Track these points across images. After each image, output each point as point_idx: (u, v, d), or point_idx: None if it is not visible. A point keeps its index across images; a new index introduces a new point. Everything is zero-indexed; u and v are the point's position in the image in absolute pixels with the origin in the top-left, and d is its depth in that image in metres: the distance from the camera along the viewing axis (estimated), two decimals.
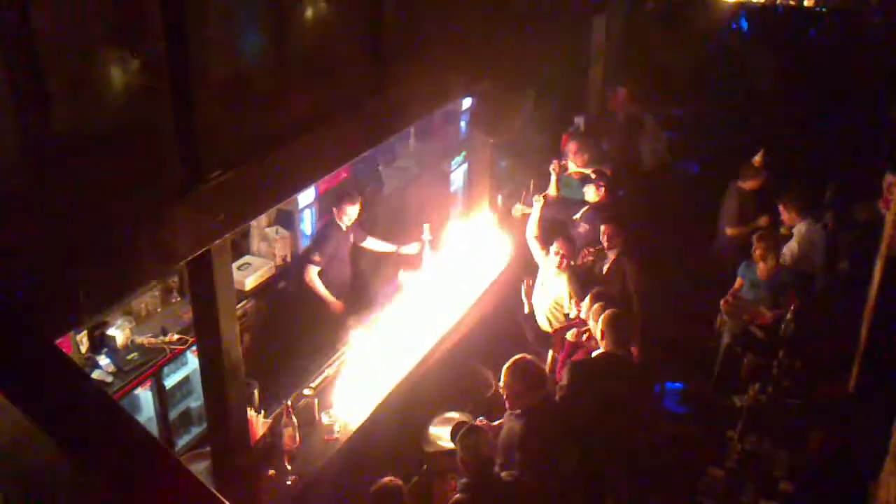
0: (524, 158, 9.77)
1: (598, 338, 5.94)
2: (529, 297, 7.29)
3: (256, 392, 5.54)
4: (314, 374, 6.02)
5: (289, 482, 5.26)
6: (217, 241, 4.35)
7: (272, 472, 5.31)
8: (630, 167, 9.20)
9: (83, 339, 6.25)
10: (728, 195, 8.37)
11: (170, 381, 6.61)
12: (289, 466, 5.29)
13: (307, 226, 7.87)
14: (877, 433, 5.59)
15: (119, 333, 6.37)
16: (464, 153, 9.71)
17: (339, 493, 5.31)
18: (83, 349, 6.25)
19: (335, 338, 6.70)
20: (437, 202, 9.51)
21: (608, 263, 7.18)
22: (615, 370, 5.79)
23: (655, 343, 7.24)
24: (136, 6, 3.68)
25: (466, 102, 9.44)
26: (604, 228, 7.17)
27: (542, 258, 7.13)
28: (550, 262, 6.91)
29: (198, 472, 5.19)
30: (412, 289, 7.01)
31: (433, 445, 5.91)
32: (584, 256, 7.40)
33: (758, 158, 8.20)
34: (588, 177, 8.02)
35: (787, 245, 7.57)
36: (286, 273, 7.61)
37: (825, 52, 12.77)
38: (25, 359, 3.23)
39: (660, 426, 7.11)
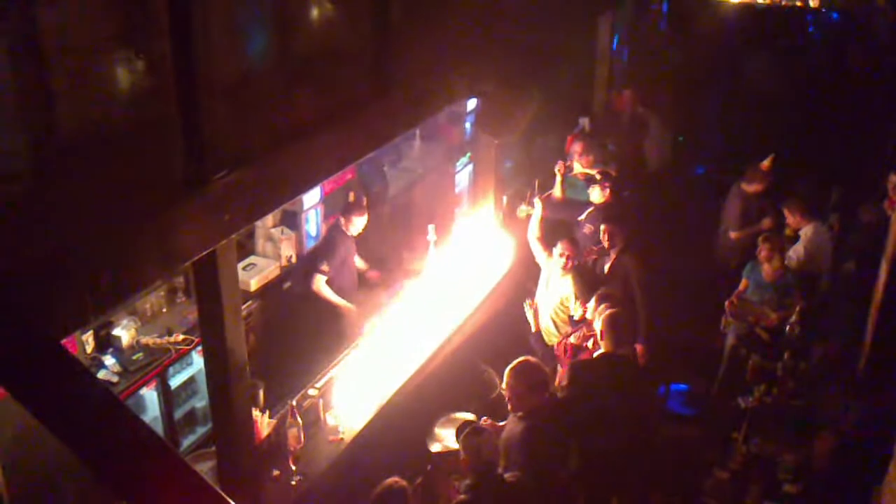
0: (529, 159, 9.78)
1: (599, 338, 5.94)
2: (536, 318, 7.26)
3: (261, 392, 5.55)
4: (319, 375, 6.02)
5: (293, 482, 5.26)
6: (222, 242, 4.36)
7: (277, 473, 5.31)
8: (635, 168, 9.19)
9: (89, 339, 6.26)
10: (731, 197, 8.36)
11: (175, 381, 6.62)
12: (293, 467, 5.29)
13: (312, 226, 7.87)
14: (882, 436, 5.59)
15: (124, 333, 6.38)
16: (469, 154, 9.70)
17: (344, 494, 5.31)
18: (89, 349, 6.26)
19: (340, 338, 6.71)
20: (443, 203, 9.52)
21: (610, 263, 7.17)
22: (615, 370, 5.78)
23: (660, 344, 7.24)
24: (142, 6, 3.69)
25: (471, 103, 9.44)
26: (604, 227, 7.16)
27: (545, 259, 7.12)
28: (555, 264, 6.90)
29: (203, 472, 5.19)
30: (417, 290, 7.02)
31: (438, 446, 5.91)
32: (588, 255, 7.38)
33: (766, 163, 8.18)
34: (593, 178, 8.01)
35: (794, 248, 7.55)
36: (291, 273, 7.61)
37: (830, 54, 12.76)
38: (31, 359, 3.24)
39: (663, 427, 7.10)
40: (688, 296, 8.19)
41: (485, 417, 5.86)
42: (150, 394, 6.47)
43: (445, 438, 5.89)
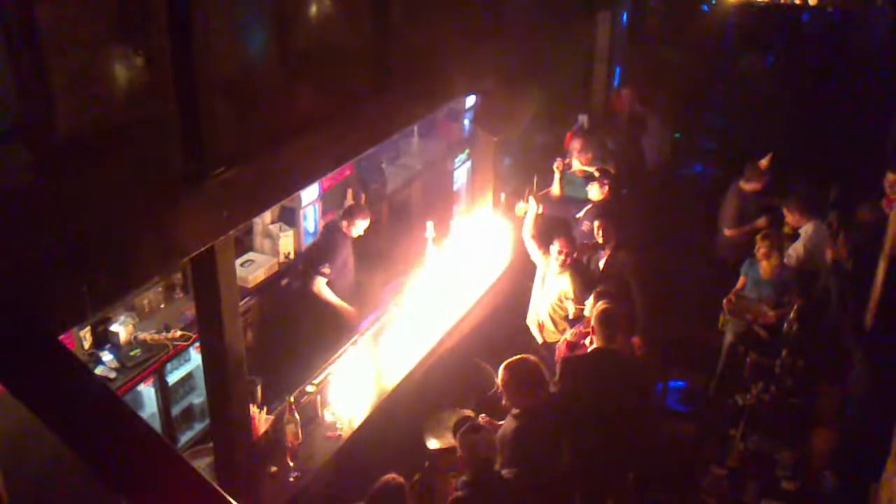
0: (528, 156, 9.77)
1: (591, 334, 5.94)
2: (542, 333, 7.24)
3: (259, 389, 5.54)
4: (317, 371, 6.02)
5: (291, 479, 5.26)
6: (221, 238, 4.36)
7: (274, 469, 5.31)
8: (633, 166, 9.19)
9: (86, 335, 6.25)
10: (728, 195, 8.36)
11: (173, 378, 6.61)
12: (291, 463, 5.29)
13: (310, 223, 7.86)
14: (879, 433, 5.60)
15: (122, 329, 6.37)
16: (467, 151, 9.70)
17: (341, 491, 5.31)
18: (86, 345, 6.25)
19: (338, 335, 6.71)
20: (441, 200, 9.52)
21: (605, 259, 7.16)
22: (607, 365, 5.75)
23: (658, 341, 7.25)
24: (141, 2, 3.68)
25: (470, 100, 9.44)
26: (598, 224, 7.14)
27: (540, 258, 7.10)
28: (553, 262, 6.89)
29: (200, 469, 5.20)
30: (416, 287, 7.02)
31: (435, 443, 5.91)
32: (582, 251, 7.36)
33: (764, 162, 8.18)
34: (592, 175, 8.01)
35: (793, 246, 7.55)
36: (290, 270, 7.61)
37: (828, 52, 12.77)
38: (29, 355, 3.24)
39: (660, 422, 7.11)
40: (686, 293, 8.20)
41: (483, 415, 5.86)
42: (148, 390, 6.47)
43: (443, 435, 5.89)
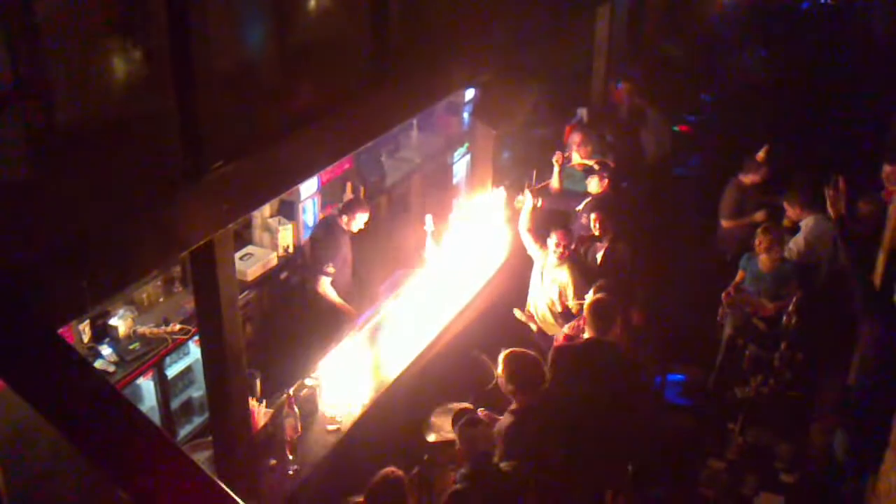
0: (527, 150, 9.76)
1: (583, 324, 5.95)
2: (532, 320, 7.21)
3: (258, 382, 5.55)
4: (316, 365, 6.02)
5: (290, 472, 5.28)
6: (220, 232, 4.35)
7: (274, 462, 5.32)
8: (633, 159, 9.18)
9: (85, 329, 6.25)
10: (728, 188, 8.36)
11: (172, 371, 6.62)
12: (290, 456, 5.30)
13: (309, 216, 7.86)
14: (878, 426, 5.60)
15: (121, 323, 6.37)
16: (466, 144, 9.69)
17: (341, 484, 5.32)
18: (85, 339, 6.25)
19: (337, 328, 6.71)
20: (440, 193, 9.51)
21: (602, 252, 7.16)
22: (598, 356, 5.75)
23: (658, 334, 7.25)
24: None
25: (470, 94, 9.43)
26: (594, 216, 7.14)
27: (536, 251, 7.07)
28: (551, 255, 6.87)
29: (199, 462, 5.20)
30: (415, 280, 7.02)
31: (435, 436, 5.92)
32: (579, 244, 7.33)
33: (761, 154, 8.18)
34: (591, 168, 8.00)
35: (794, 239, 7.54)
36: (289, 264, 7.61)
37: (828, 44, 12.76)
38: (28, 348, 3.24)
39: (658, 415, 7.11)
40: (685, 286, 8.20)
41: (482, 408, 5.85)
42: (147, 384, 6.47)
43: (442, 428, 5.89)
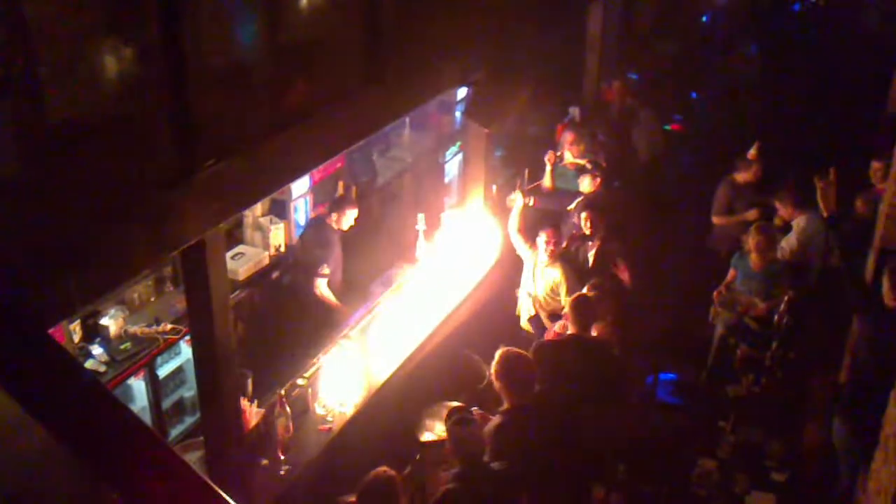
0: (519, 149, 9.76)
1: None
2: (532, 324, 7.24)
3: (250, 382, 5.54)
4: (308, 364, 6.01)
5: (282, 472, 5.26)
6: (211, 231, 4.34)
7: (265, 462, 5.31)
8: (625, 158, 9.19)
9: (76, 329, 6.23)
10: (721, 186, 8.37)
11: (163, 371, 6.60)
12: (282, 456, 5.29)
13: (301, 215, 7.84)
14: (868, 423, 5.62)
15: (112, 323, 6.35)
16: (459, 143, 9.69)
17: (333, 484, 5.31)
18: (76, 339, 6.23)
19: (329, 328, 6.70)
20: (432, 192, 9.50)
21: (594, 251, 7.16)
22: (580, 350, 5.78)
23: (649, 333, 7.26)
24: None
25: (462, 92, 9.42)
26: (585, 215, 7.14)
27: (526, 252, 7.05)
28: (542, 253, 6.86)
29: (191, 462, 5.18)
30: (406, 280, 7.01)
31: (427, 435, 5.91)
32: (569, 243, 7.33)
33: (752, 151, 8.19)
34: (583, 167, 8.00)
35: (786, 239, 7.56)
36: (280, 263, 7.59)
37: (820, 39, 12.78)
38: (19, 348, 3.22)
39: (647, 412, 7.11)
40: (677, 285, 8.21)
41: (475, 407, 5.85)
42: (139, 383, 6.46)
43: (434, 428, 5.89)
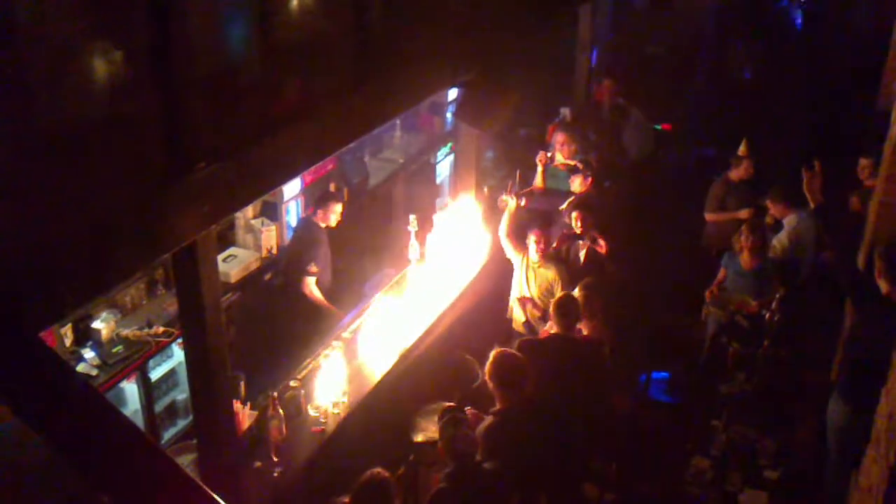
0: (510, 149, 9.78)
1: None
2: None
3: (242, 384, 5.53)
4: (300, 366, 6.01)
5: (275, 474, 5.25)
6: (202, 233, 4.33)
7: (259, 465, 5.30)
8: (615, 158, 9.21)
9: (67, 332, 6.22)
10: (714, 184, 8.39)
11: (155, 374, 6.59)
12: (275, 458, 5.28)
13: (293, 217, 7.84)
14: (860, 420, 5.64)
15: (104, 326, 6.34)
16: (450, 144, 9.70)
17: (326, 485, 5.30)
18: (67, 342, 6.22)
19: (321, 329, 6.70)
20: (424, 193, 9.51)
21: (585, 250, 7.17)
22: (562, 349, 5.82)
23: (641, 332, 7.27)
24: None
25: (453, 93, 9.43)
26: (575, 215, 7.16)
27: (516, 256, 7.03)
28: (533, 254, 6.85)
29: (184, 465, 5.18)
30: (399, 280, 7.01)
31: (420, 436, 5.91)
32: (560, 243, 7.33)
33: (742, 148, 8.22)
34: (575, 168, 8.01)
35: (777, 237, 7.58)
36: (272, 265, 7.59)
37: (811, 40, 12.82)
38: (9, 352, 3.21)
39: (638, 412, 7.12)
40: (669, 284, 8.23)
41: (468, 407, 5.85)
42: (131, 387, 6.44)
43: (427, 428, 5.89)
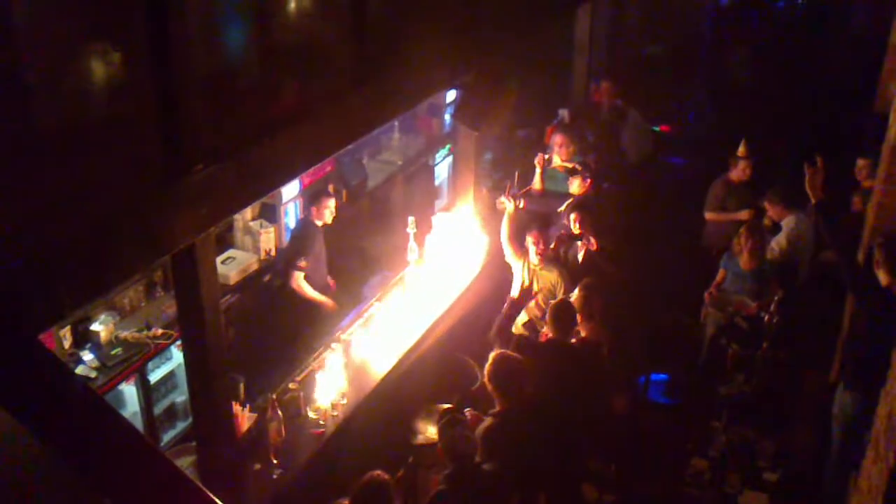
0: (509, 151, 9.77)
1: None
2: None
3: (241, 386, 5.53)
4: (299, 368, 6.00)
5: (275, 476, 5.25)
6: (201, 235, 4.33)
7: (258, 467, 5.29)
8: (614, 160, 9.21)
9: (66, 335, 6.21)
10: (714, 184, 8.39)
11: (154, 376, 6.59)
12: (274, 460, 5.28)
13: (291, 219, 7.84)
14: (859, 422, 5.64)
15: (103, 328, 6.33)
16: (448, 146, 9.69)
17: (326, 487, 5.30)
18: (66, 344, 6.21)
19: (320, 331, 6.69)
20: (422, 195, 9.51)
21: (583, 252, 7.17)
22: (558, 351, 5.83)
23: (640, 333, 7.26)
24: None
25: (451, 95, 9.43)
26: (574, 216, 7.15)
27: (515, 261, 7.02)
28: (533, 256, 6.85)
29: (183, 467, 5.18)
30: (398, 282, 7.00)
31: (420, 438, 5.91)
32: (558, 244, 7.32)
33: (741, 149, 8.22)
34: (574, 170, 8.01)
35: (776, 239, 7.59)
36: (271, 267, 7.58)
37: (809, 42, 12.83)
38: (8, 355, 3.21)
39: (637, 414, 7.12)
40: (668, 285, 8.22)
41: (468, 409, 5.85)
42: (130, 389, 6.44)
43: (427, 430, 5.89)
